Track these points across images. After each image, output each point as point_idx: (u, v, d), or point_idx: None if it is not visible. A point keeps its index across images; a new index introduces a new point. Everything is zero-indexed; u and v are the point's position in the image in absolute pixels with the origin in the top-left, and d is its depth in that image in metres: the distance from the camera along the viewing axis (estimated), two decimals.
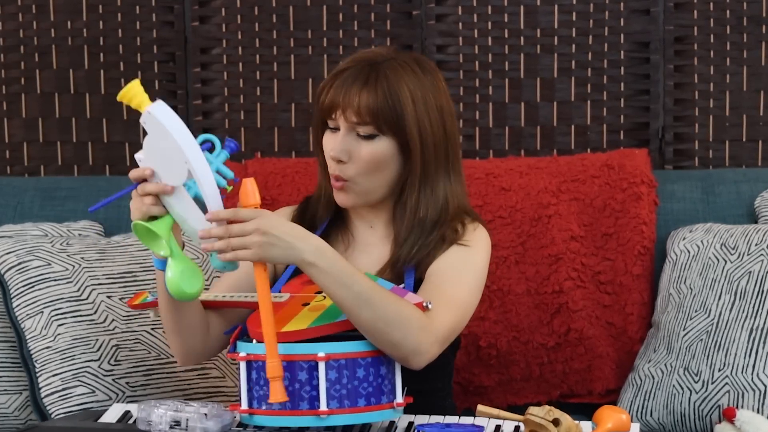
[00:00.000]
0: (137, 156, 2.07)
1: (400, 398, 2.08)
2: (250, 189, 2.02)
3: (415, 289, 2.22)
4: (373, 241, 2.32)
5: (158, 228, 2.05)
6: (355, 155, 2.22)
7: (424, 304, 2.11)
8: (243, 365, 2.05)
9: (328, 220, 2.33)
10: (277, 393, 1.96)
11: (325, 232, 2.32)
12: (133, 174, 2.07)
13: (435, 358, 2.13)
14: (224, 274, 2.34)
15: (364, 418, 2.04)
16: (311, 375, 2.01)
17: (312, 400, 2.01)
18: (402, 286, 2.20)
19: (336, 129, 2.24)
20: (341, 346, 2.03)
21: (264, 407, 2.03)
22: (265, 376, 2.01)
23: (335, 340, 2.05)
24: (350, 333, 2.08)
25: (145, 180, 2.06)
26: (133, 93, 2.01)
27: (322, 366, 2.01)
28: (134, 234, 2.08)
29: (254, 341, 2.06)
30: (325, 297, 2.15)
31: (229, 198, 2.09)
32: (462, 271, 2.22)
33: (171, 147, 2.00)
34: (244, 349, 2.06)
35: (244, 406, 2.05)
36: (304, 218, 2.33)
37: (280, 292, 2.22)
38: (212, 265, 2.12)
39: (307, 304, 2.14)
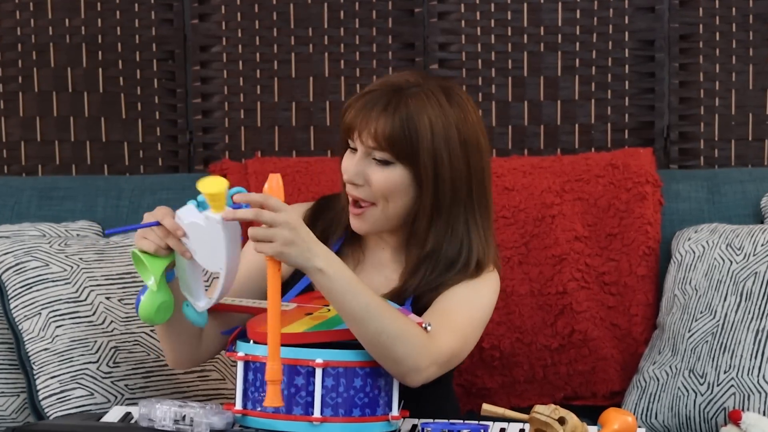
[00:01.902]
0: (179, 212, 2.08)
1: (396, 411, 2.09)
2: (275, 185, 2.01)
3: (414, 306, 2.21)
4: (384, 262, 2.32)
5: (153, 265, 2.10)
6: (369, 180, 2.22)
7: (424, 325, 2.10)
8: (240, 365, 2.05)
9: (344, 237, 2.33)
10: (273, 397, 1.96)
11: (339, 249, 2.32)
12: (170, 225, 2.07)
13: (430, 380, 2.12)
14: (244, 261, 2.35)
15: (357, 429, 2.04)
16: (308, 381, 2.02)
17: (306, 406, 2.02)
18: (405, 306, 2.21)
19: (355, 150, 2.23)
20: (340, 354, 2.03)
21: (258, 409, 2.03)
22: (261, 378, 2.02)
23: (335, 348, 2.05)
24: (350, 343, 2.08)
25: (167, 230, 2.09)
26: (217, 196, 2.02)
27: (319, 372, 2.01)
28: (131, 258, 2.14)
29: (252, 342, 2.06)
30: (330, 310, 2.14)
31: None
32: (468, 304, 2.22)
33: (217, 250, 2.03)
34: (243, 349, 2.06)
35: (239, 406, 2.05)
36: (317, 221, 2.33)
37: (289, 302, 2.22)
38: (184, 312, 2.16)
39: (310, 314, 2.14)
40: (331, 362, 2.01)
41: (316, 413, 2.01)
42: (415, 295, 2.24)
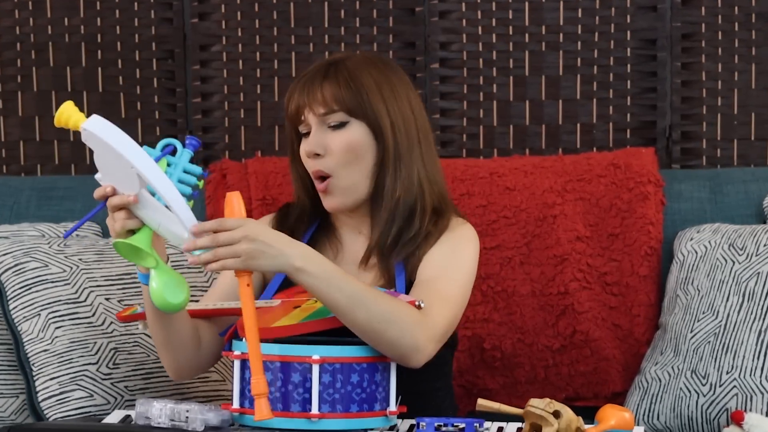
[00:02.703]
0: (96, 176, 2.09)
1: (393, 407, 2.09)
2: (235, 203, 2.03)
3: (407, 291, 2.22)
4: (362, 247, 2.32)
5: (138, 241, 2.05)
6: (329, 147, 2.24)
7: (417, 303, 2.11)
8: (237, 364, 2.06)
9: (312, 229, 2.34)
10: (263, 411, 1.96)
11: (313, 240, 2.33)
12: (97, 193, 2.09)
13: (432, 357, 2.13)
14: (213, 286, 2.36)
15: (355, 424, 2.04)
16: (305, 377, 2.02)
17: (304, 403, 2.02)
18: (393, 290, 2.21)
19: (307, 133, 2.26)
20: (337, 350, 2.04)
21: (254, 407, 2.01)
22: None
23: (331, 344, 2.05)
24: (346, 339, 2.08)
25: (109, 197, 2.07)
26: (67, 115, 2.03)
27: (315, 369, 2.01)
28: (118, 253, 2.09)
29: (243, 339, 2.06)
30: (316, 301, 2.15)
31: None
32: (452, 268, 2.23)
33: (116, 158, 2.00)
34: (238, 348, 2.06)
35: (236, 405, 2.06)
36: (284, 226, 2.34)
37: (272, 298, 2.23)
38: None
39: (298, 306, 2.14)
40: (328, 358, 2.02)
41: (314, 409, 2.01)
42: (403, 264, 2.25)
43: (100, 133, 1.99)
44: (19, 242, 2.58)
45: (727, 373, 2.54)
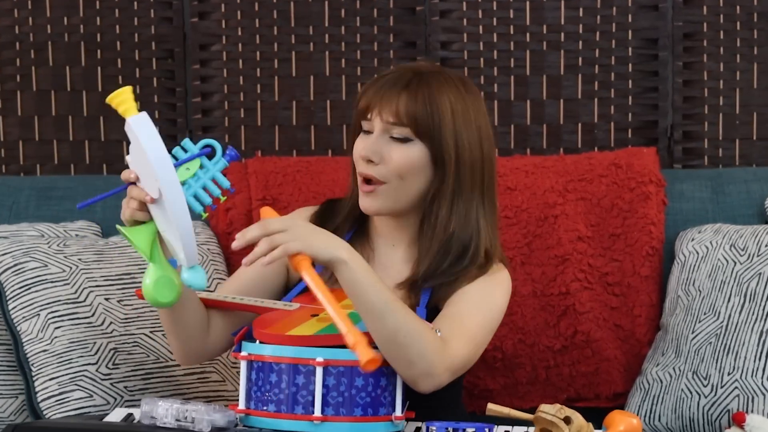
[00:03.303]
0: (127, 158, 2.08)
1: (399, 412, 2.08)
2: (269, 214, 2.04)
3: (428, 317, 2.20)
4: (393, 262, 2.31)
5: (136, 235, 2.05)
6: (386, 157, 2.22)
7: (434, 330, 2.11)
8: (244, 364, 2.05)
9: (352, 232, 2.33)
10: (368, 352, 1.88)
11: (350, 242, 2.29)
12: (123, 175, 2.07)
13: (442, 386, 2.12)
14: (233, 276, 2.36)
15: (359, 429, 2.04)
16: (309, 379, 2.02)
17: (307, 405, 2.02)
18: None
19: (369, 132, 2.23)
20: (341, 353, 2.02)
21: (260, 408, 2.03)
22: (264, 378, 2.02)
23: (337, 347, 2.04)
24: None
25: (133, 183, 2.06)
26: (121, 99, 2.01)
27: (319, 371, 2.01)
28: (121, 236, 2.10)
29: (258, 341, 2.06)
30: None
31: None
32: (481, 308, 2.22)
33: (146, 160, 1.98)
34: (246, 349, 2.06)
35: (242, 406, 2.06)
36: (324, 222, 2.31)
37: (291, 302, 2.22)
38: (186, 282, 2.09)
39: (316, 315, 2.14)
40: (332, 361, 2.01)
41: (317, 412, 2.01)
42: (431, 289, 2.24)
43: (140, 133, 1.97)
44: (19, 242, 2.58)
45: (729, 374, 2.54)
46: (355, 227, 2.33)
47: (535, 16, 3.10)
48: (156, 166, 1.96)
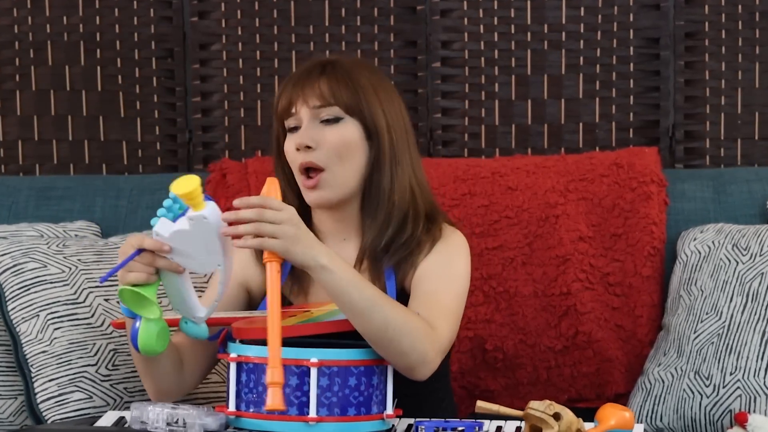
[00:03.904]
0: (156, 229, 2.04)
1: (390, 410, 2.09)
2: (273, 188, 2.03)
3: (398, 298, 2.20)
4: (348, 254, 2.29)
5: (149, 292, 2.06)
6: (321, 141, 2.23)
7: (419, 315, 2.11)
8: (233, 366, 2.05)
9: None
10: (276, 400, 1.94)
11: None
12: (152, 245, 2.04)
13: (435, 369, 2.13)
14: (211, 289, 2.33)
15: (353, 428, 2.04)
16: (302, 380, 2.01)
17: (301, 406, 2.01)
18: None
19: (296, 128, 2.24)
20: (334, 353, 2.03)
21: (252, 410, 2.03)
22: (255, 379, 2.02)
23: (329, 347, 2.04)
24: (344, 342, 2.08)
25: (151, 251, 2.05)
26: (194, 194, 2.00)
27: (314, 372, 2.01)
28: (120, 298, 2.07)
29: (237, 341, 2.06)
30: (311, 312, 2.14)
31: None
32: (450, 279, 2.23)
33: (212, 246, 2.01)
34: (235, 350, 2.06)
35: (232, 408, 2.05)
36: None
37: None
38: (183, 330, 2.13)
39: (294, 316, 2.13)
40: (326, 361, 2.01)
41: (312, 413, 2.00)
42: (393, 273, 2.24)
43: (216, 222, 2.01)
44: (18, 242, 2.57)
45: (731, 374, 2.53)
46: None
47: (536, 16, 3.09)
48: (226, 249, 2.02)
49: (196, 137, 3.14)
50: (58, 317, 2.48)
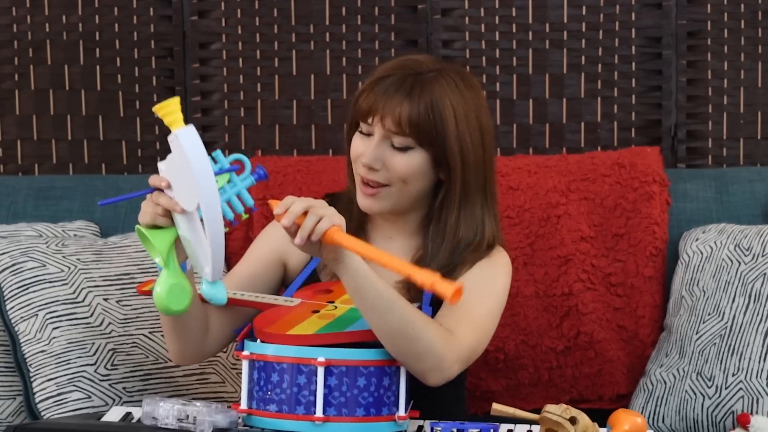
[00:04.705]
0: (160, 165, 2.04)
1: (402, 411, 2.07)
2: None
3: (434, 307, 2.20)
4: (392, 253, 2.26)
5: (156, 239, 2.03)
6: (388, 165, 2.22)
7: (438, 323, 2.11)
8: (246, 364, 2.05)
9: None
10: (446, 288, 1.87)
11: None
12: (152, 181, 2.04)
13: (452, 378, 2.12)
14: (231, 272, 2.34)
15: (361, 429, 2.03)
16: (310, 379, 2.01)
17: (309, 406, 2.01)
18: (417, 305, 2.19)
19: (368, 134, 2.23)
20: (343, 353, 2.02)
21: (262, 408, 2.03)
22: (266, 378, 2.02)
23: (341, 347, 2.04)
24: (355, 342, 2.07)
25: (160, 189, 2.03)
26: (169, 110, 1.97)
27: (321, 371, 2.00)
28: (136, 234, 2.06)
29: (258, 341, 2.06)
30: (336, 307, 2.13)
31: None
32: (485, 294, 2.22)
33: (189, 175, 1.96)
34: (249, 348, 2.06)
35: (244, 405, 2.05)
36: None
37: (292, 297, 2.21)
38: (202, 292, 2.08)
39: (317, 311, 2.13)
40: (334, 361, 2.01)
41: (318, 412, 2.00)
42: None
43: (187, 146, 1.95)
44: (17, 242, 2.57)
45: (733, 375, 2.53)
46: (351, 221, 2.31)
47: (537, 15, 3.10)
48: (200, 179, 1.94)
49: None
50: (57, 317, 2.48)
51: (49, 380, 2.44)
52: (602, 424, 2.05)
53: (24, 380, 2.46)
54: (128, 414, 2.19)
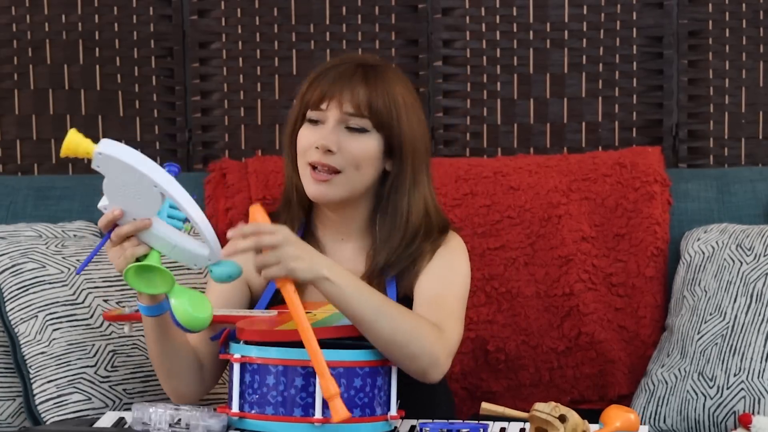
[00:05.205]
0: (100, 205, 2.04)
1: (393, 411, 2.09)
2: (259, 216, 2.02)
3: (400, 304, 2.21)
4: (346, 256, 2.31)
5: (155, 262, 2.03)
6: (343, 147, 2.23)
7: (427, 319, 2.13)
8: (236, 367, 2.04)
9: (301, 232, 2.32)
10: (339, 411, 1.95)
11: None
12: (103, 222, 2.04)
13: (446, 371, 2.15)
14: (211, 290, 2.33)
15: (357, 429, 2.03)
16: (307, 381, 2.01)
17: (307, 408, 2.01)
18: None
19: (317, 122, 2.25)
20: (340, 354, 2.03)
21: (255, 411, 2.02)
22: (260, 380, 2.02)
23: (335, 347, 2.04)
24: (349, 343, 2.07)
25: (115, 225, 2.04)
26: (75, 143, 1.98)
27: None
28: (128, 283, 2.05)
29: (242, 342, 2.05)
30: (315, 315, 2.14)
31: None
32: (452, 282, 2.25)
33: (135, 178, 1.97)
34: (238, 351, 2.05)
35: (235, 409, 2.04)
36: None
37: (264, 310, 2.23)
38: (216, 278, 2.09)
39: None
40: (332, 362, 2.00)
41: (317, 414, 2.00)
42: (395, 281, 2.25)
43: (117, 154, 1.96)
44: (16, 243, 2.57)
45: (735, 375, 2.53)
46: (302, 230, 2.33)
47: (538, 14, 3.09)
48: (147, 170, 1.95)
49: (196, 136, 3.13)
50: (57, 318, 2.47)
51: (49, 382, 2.44)
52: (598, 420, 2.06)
53: (24, 382, 2.46)
54: (121, 419, 2.19)
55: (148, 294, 2.09)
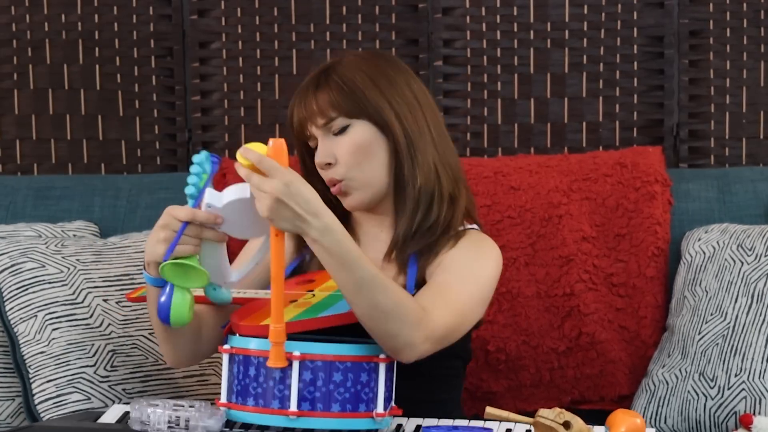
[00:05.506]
0: (208, 201, 2.02)
1: (381, 408, 2.05)
2: (279, 149, 1.98)
3: (417, 287, 2.20)
4: (381, 249, 2.29)
5: (194, 263, 2.03)
6: (337, 152, 2.23)
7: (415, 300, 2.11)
8: (226, 357, 2.05)
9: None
10: (276, 357, 1.95)
11: None
12: (204, 217, 2.02)
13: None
14: (247, 251, 2.34)
15: (336, 424, 2.02)
16: (285, 373, 2.00)
17: (283, 400, 2.00)
18: (402, 285, 2.20)
19: (315, 147, 2.26)
20: (319, 347, 2.01)
21: (240, 402, 2.03)
22: (245, 371, 2.02)
23: (318, 341, 2.03)
24: (332, 337, 2.06)
25: (197, 224, 2.03)
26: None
27: (295, 365, 1.99)
28: (161, 274, 2.03)
29: (237, 334, 2.06)
30: (314, 295, 2.13)
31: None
32: (466, 278, 2.21)
33: (246, 210, 2.01)
34: (230, 342, 2.06)
35: (224, 399, 2.05)
36: None
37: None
38: (210, 296, 2.10)
39: (294, 301, 2.12)
40: (309, 355, 2.00)
41: (293, 407, 1.99)
42: (416, 263, 2.23)
43: (228, 198, 2.02)
44: (16, 242, 2.57)
45: (736, 375, 2.53)
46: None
47: (539, 14, 3.09)
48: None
49: (196, 136, 3.13)
50: (57, 317, 2.48)
51: (48, 381, 2.44)
52: (603, 423, 2.04)
53: (23, 381, 2.46)
54: (126, 413, 2.18)
55: (180, 285, 2.06)
